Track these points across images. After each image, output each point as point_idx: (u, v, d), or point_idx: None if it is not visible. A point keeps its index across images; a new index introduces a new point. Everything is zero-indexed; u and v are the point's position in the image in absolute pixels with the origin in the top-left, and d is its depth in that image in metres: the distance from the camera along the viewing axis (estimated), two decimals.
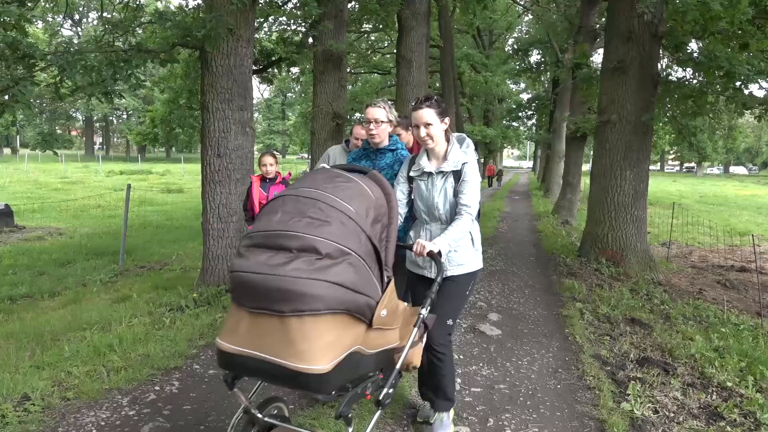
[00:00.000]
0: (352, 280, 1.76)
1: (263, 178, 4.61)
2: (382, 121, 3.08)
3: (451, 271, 2.67)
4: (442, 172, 2.64)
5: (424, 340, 2.41)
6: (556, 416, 3.17)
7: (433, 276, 2.66)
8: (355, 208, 1.87)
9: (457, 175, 2.61)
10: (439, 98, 2.63)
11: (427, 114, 2.57)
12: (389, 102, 3.12)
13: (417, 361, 2.33)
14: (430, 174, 2.67)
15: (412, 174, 2.74)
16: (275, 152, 4.86)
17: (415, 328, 2.19)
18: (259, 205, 4.52)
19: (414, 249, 2.44)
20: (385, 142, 3.20)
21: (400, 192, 2.76)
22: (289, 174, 5.14)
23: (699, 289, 7.16)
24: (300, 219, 1.80)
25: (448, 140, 2.69)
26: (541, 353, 4.22)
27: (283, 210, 1.86)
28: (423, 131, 2.58)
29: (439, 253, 2.42)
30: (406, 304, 2.36)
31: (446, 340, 2.74)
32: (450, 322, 2.71)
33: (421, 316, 2.23)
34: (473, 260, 2.74)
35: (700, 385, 3.67)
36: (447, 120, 2.64)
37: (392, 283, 2.02)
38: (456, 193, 2.60)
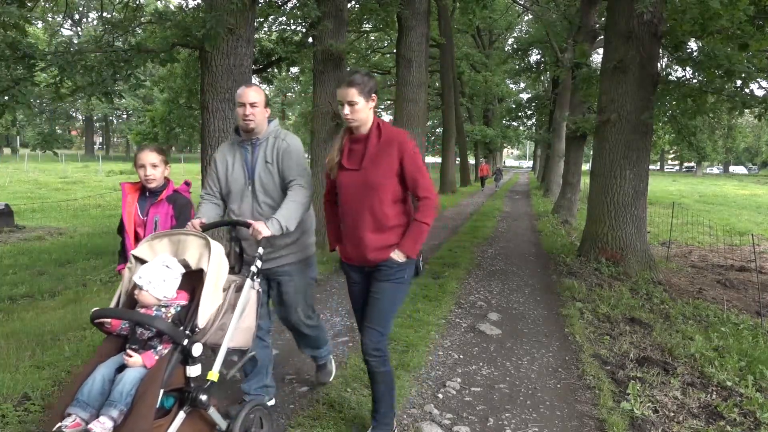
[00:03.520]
0: None
1: (142, 188, 2.95)
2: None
3: None
4: None
5: None
6: (556, 416, 3.18)
7: None
8: None
9: None
10: None
11: None
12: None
13: None
14: None
15: None
16: (163, 148, 3.07)
17: None
18: (134, 232, 2.81)
19: None
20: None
21: None
22: (187, 184, 3.16)
23: (699, 289, 7.16)
24: None
25: None
26: (541, 353, 4.23)
27: None
28: None
29: None
30: None
31: None
32: None
33: None
34: None
35: (699, 385, 3.68)
36: None
37: None
38: None
